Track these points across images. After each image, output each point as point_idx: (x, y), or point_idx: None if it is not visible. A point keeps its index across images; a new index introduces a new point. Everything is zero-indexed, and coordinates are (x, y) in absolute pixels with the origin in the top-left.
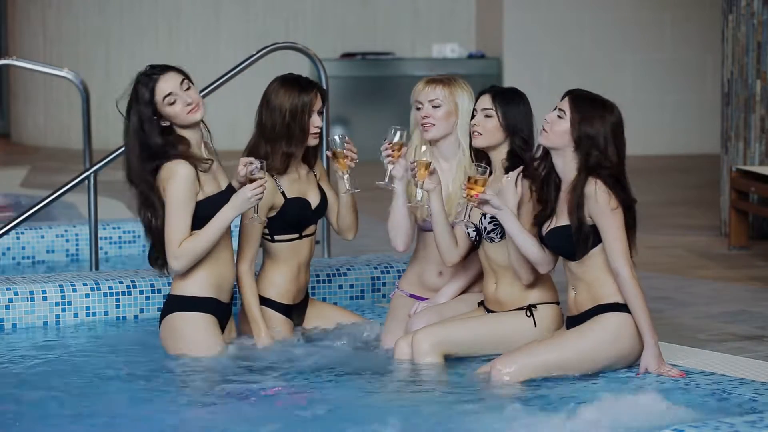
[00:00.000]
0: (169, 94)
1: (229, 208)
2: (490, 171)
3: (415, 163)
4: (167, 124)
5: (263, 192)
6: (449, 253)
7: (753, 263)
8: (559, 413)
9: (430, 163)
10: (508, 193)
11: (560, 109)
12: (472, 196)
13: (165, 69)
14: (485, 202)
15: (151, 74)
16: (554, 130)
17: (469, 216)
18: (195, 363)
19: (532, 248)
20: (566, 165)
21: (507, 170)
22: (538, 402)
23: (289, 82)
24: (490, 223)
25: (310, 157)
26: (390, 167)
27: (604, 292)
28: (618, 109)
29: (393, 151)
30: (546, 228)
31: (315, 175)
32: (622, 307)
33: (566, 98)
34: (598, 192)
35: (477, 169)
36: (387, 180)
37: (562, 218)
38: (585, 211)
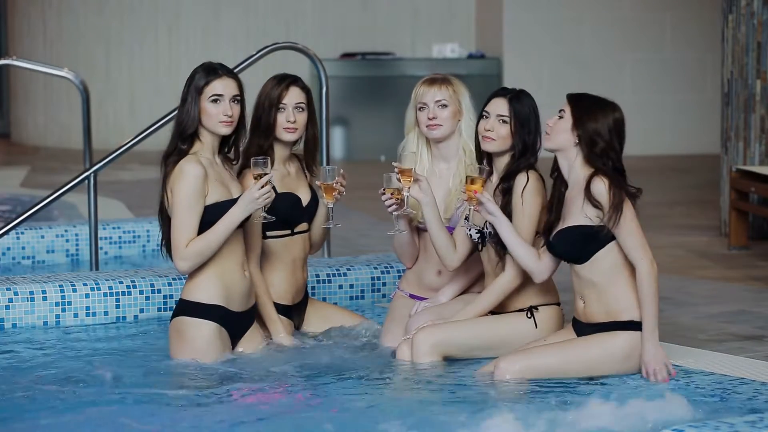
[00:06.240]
0: (217, 95)
1: (236, 209)
2: (490, 171)
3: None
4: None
5: (270, 191)
6: (449, 258)
7: (753, 263)
8: (559, 413)
9: (411, 169)
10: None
11: (560, 110)
12: (471, 197)
13: (227, 73)
14: (481, 203)
15: (216, 69)
16: (555, 130)
17: (469, 218)
18: (195, 364)
19: (525, 257)
20: (571, 165)
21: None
22: (537, 402)
23: (273, 77)
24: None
25: (308, 156)
26: (395, 213)
27: (619, 305)
28: (620, 108)
29: (393, 196)
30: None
31: (305, 175)
32: (636, 326)
33: (566, 100)
34: (605, 188)
35: (477, 169)
36: (396, 226)
37: (568, 220)
38: (594, 207)
